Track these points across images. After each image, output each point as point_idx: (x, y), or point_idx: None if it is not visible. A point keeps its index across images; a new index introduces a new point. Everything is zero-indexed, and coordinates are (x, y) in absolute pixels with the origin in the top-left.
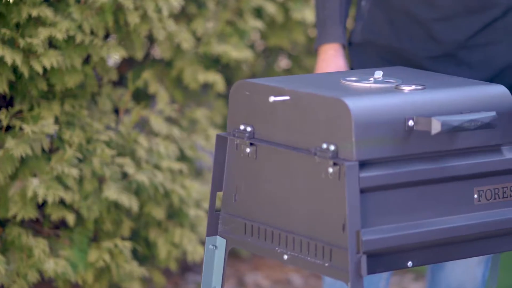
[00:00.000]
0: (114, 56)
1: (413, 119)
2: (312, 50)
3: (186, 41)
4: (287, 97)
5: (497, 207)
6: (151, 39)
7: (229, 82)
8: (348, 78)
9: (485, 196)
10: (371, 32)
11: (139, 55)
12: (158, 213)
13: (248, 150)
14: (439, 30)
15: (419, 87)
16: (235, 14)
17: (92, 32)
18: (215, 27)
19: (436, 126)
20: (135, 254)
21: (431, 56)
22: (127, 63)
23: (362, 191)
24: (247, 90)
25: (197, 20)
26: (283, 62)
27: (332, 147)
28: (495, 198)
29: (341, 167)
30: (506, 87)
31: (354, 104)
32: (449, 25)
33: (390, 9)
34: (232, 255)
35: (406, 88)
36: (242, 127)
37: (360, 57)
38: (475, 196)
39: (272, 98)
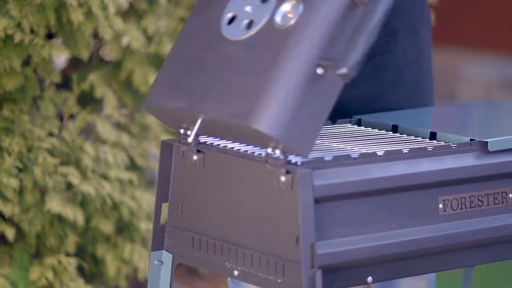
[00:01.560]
0: (58, 57)
1: None
2: None
3: (135, 40)
4: None
5: (464, 218)
6: (98, 39)
7: None
8: None
9: (451, 206)
10: None
11: (84, 55)
12: (106, 226)
13: (195, 157)
14: None
15: None
16: (189, 10)
17: (32, 31)
18: (168, 25)
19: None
20: (81, 271)
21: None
22: (72, 65)
23: (317, 201)
24: None
25: (148, 18)
26: None
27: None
28: (461, 208)
29: (294, 175)
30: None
31: None
32: None
33: None
34: (190, 272)
35: None
36: (187, 132)
37: None
38: (440, 205)
39: None
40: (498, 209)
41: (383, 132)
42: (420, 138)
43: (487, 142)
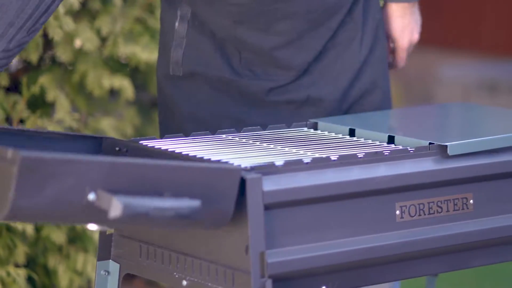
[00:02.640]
0: None
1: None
2: None
3: (88, 41)
4: None
5: (422, 225)
6: (48, 40)
7: (143, 87)
8: None
9: (409, 212)
10: (197, 63)
11: (33, 58)
12: (58, 236)
13: None
14: (283, 56)
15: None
16: (145, 10)
17: None
18: (123, 26)
19: (115, 209)
20: (32, 283)
21: (279, 86)
22: (24, 67)
23: (267, 207)
24: None
25: (102, 18)
26: None
27: None
28: (420, 215)
29: (243, 180)
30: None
31: None
32: (296, 49)
33: (217, 36)
34: (150, 284)
35: None
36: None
37: (186, 90)
38: (397, 212)
39: None
40: (459, 215)
41: (339, 136)
42: (377, 142)
43: (446, 146)
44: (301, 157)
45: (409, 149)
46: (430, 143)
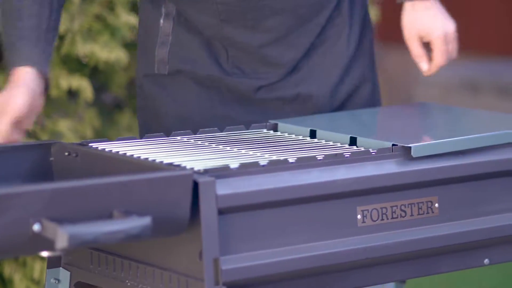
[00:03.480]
0: None
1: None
2: None
3: None
4: None
5: (385, 230)
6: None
7: (104, 88)
8: None
9: (371, 217)
10: (183, 61)
11: None
12: None
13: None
14: (272, 54)
15: None
16: (105, 7)
17: None
18: (81, 23)
19: (61, 240)
20: None
21: (268, 83)
22: None
23: (221, 212)
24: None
25: None
26: None
27: None
28: (382, 219)
29: (195, 184)
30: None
31: None
32: (284, 46)
33: (203, 34)
34: None
35: None
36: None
37: (172, 89)
38: (359, 216)
39: None
40: (423, 219)
41: (299, 138)
42: (339, 144)
43: (410, 147)
44: (258, 160)
45: (371, 151)
46: (393, 145)
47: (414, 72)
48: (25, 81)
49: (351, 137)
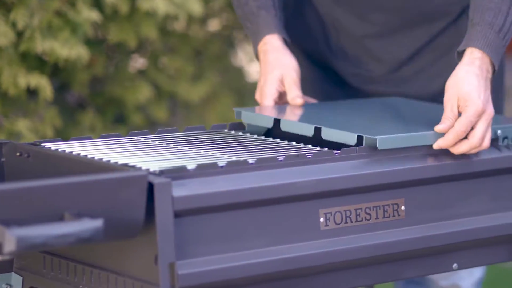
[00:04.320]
0: None
1: None
2: (169, 47)
3: (3, 35)
4: None
5: (349, 233)
6: None
7: (66, 87)
8: None
9: (334, 220)
10: (299, 35)
11: None
12: None
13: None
14: (374, 47)
15: None
16: (65, 3)
17: None
18: (41, 19)
19: (10, 243)
20: None
21: (369, 76)
22: None
23: (177, 214)
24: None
25: (18, 10)
26: (138, 62)
27: None
28: (346, 222)
29: (151, 186)
30: None
31: None
32: (387, 43)
33: (320, 15)
34: None
35: None
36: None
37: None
38: (321, 219)
39: None
40: (389, 223)
41: (262, 138)
42: (302, 144)
43: (375, 147)
44: (217, 160)
45: (335, 152)
46: (358, 136)
47: None
48: (280, 46)
49: (315, 127)
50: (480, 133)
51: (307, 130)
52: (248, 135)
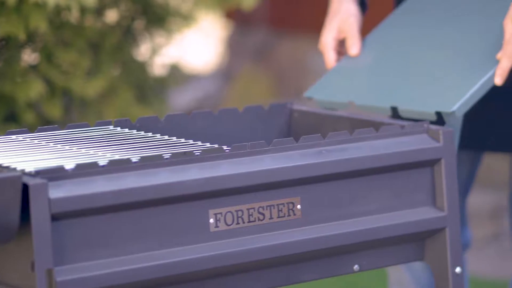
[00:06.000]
0: None
1: None
2: (62, 40)
3: None
4: None
5: (241, 235)
6: None
7: None
8: None
9: (225, 221)
10: None
11: None
12: None
13: None
14: None
15: None
16: None
17: None
18: None
19: None
20: None
21: None
22: None
23: (55, 217)
24: None
25: None
26: (30, 56)
27: None
28: (238, 223)
29: (25, 187)
30: None
31: None
32: None
33: None
34: None
35: None
36: None
37: None
38: (211, 220)
39: None
40: (284, 223)
41: (149, 134)
42: (191, 141)
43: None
44: (98, 159)
45: (225, 148)
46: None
47: (306, 63)
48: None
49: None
50: None
51: (384, 111)
52: (134, 132)
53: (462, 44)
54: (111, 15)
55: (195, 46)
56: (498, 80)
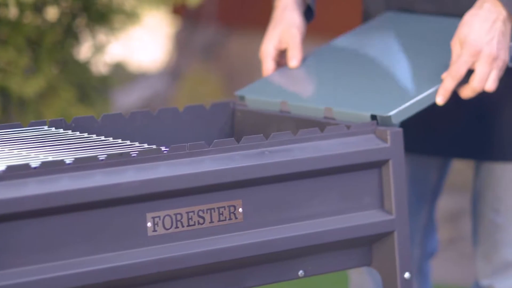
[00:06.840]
0: None
1: None
2: (1, 38)
3: None
4: None
5: (180, 239)
6: None
7: None
8: None
9: (163, 225)
10: None
11: None
12: None
13: None
14: None
15: None
16: None
17: None
18: None
19: None
20: None
21: None
22: None
23: None
24: None
25: None
26: None
27: None
28: (177, 227)
29: None
30: None
31: None
32: None
33: None
34: None
35: None
36: None
37: None
38: (149, 224)
39: None
40: (225, 227)
41: (85, 135)
42: (128, 141)
43: (390, 117)
44: (30, 161)
45: (163, 149)
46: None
47: (259, 61)
48: (290, 2)
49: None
50: (479, 75)
51: (317, 112)
52: (70, 132)
53: (412, 62)
54: (52, 12)
55: (142, 44)
56: (440, 100)
